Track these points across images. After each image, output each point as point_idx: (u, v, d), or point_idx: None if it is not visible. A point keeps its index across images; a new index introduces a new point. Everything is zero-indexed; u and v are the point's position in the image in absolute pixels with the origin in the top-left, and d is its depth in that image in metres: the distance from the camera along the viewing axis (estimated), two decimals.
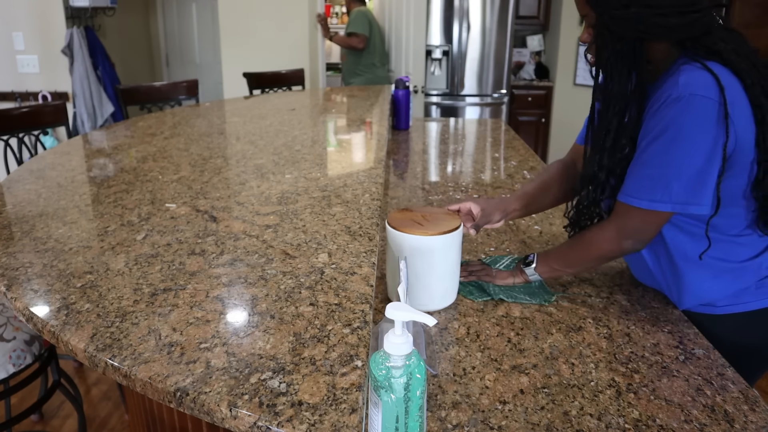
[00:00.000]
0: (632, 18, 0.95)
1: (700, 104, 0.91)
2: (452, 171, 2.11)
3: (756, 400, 0.85)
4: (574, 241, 1.13)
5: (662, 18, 0.94)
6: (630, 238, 1.02)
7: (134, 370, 0.71)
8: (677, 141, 0.93)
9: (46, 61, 3.86)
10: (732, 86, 0.92)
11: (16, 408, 2.13)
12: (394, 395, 0.64)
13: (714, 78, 0.91)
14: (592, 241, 1.07)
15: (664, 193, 0.95)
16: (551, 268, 1.15)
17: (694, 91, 0.91)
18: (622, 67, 1.00)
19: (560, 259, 1.14)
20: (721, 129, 0.91)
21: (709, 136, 0.91)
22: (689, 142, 0.92)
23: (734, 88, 0.92)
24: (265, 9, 4.02)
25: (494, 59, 4.43)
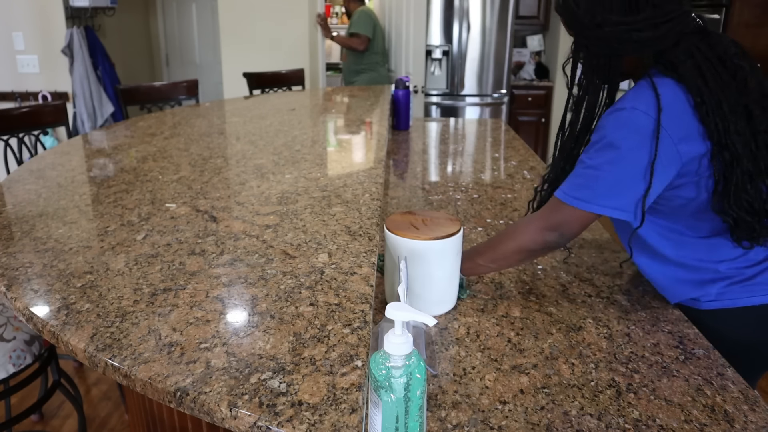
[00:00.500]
0: (605, 36, 0.99)
1: (636, 119, 0.95)
2: (452, 171, 2.11)
3: (756, 400, 0.85)
4: (498, 234, 1.13)
5: (636, 33, 0.97)
6: (554, 231, 1.04)
7: (134, 370, 0.71)
8: (610, 149, 0.97)
9: (46, 61, 3.86)
10: (676, 104, 0.95)
11: (16, 408, 2.13)
12: (394, 395, 0.64)
13: (656, 96, 0.94)
14: (516, 231, 1.08)
15: (589, 194, 0.99)
16: (475, 263, 1.13)
17: (635, 105, 0.96)
18: (597, 80, 1.05)
19: (484, 254, 1.12)
20: (652, 144, 0.94)
21: (641, 149, 0.95)
22: (620, 151, 0.96)
23: (679, 105, 0.95)
24: (265, 9, 4.02)
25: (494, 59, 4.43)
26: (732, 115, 0.94)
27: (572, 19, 1.04)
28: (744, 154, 0.95)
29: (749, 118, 0.96)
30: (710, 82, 0.95)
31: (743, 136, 0.95)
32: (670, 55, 0.98)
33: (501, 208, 1.66)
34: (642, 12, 0.96)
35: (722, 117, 0.94)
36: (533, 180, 1.95)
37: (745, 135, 0.95)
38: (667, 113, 0.94)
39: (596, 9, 0.98)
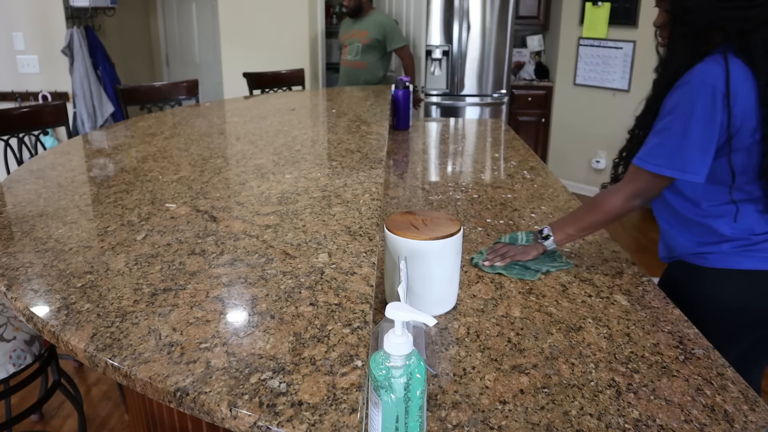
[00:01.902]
0: (702, 8, 1.11)
1: (704, 89, 1.07)
2: (452, 171, 2.11)
3: (756, 400, 0.85)
4: (586, 205, 1.27)
5: (730, 11, 1.08)
6: (638, 197, 1.18)
7: (134, 370, 0.71)
8: (683, 118, 1.10)
9: (46, 61, 3.85)
10: (743, 82, 1.07)
11: (16, 408, 2.13)
12: (394, 395, 0.64)
13: (725, 72, 1.07)
14: (604, 200, 1.22)
15: (668, 161, 1.12)
16: (566, 234, 1.28)
17: (704, 78, 1.08)
18: (685, 48, 1.17)
19: (574, 223, 1.27)
20: (722, 113, 1.07)
21: (709, 117, 1.07)
22: (692, 120, 1.09)
23: (745, 84, 1.07)
24: (265, 9, 4.02)
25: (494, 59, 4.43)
26: None
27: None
28: None
29: None
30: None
31: None
32: (748, 39, 1.08)
33: (501, 208, 1.66)
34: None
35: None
36: (533, 180, 1.95)
37: None
38: (734, 88, 1.06)
39: None
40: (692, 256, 1.24)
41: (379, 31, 3.81)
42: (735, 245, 1.17)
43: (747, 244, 1.16)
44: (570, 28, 4.73)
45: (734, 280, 1.18)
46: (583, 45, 4.61)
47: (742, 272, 1.17)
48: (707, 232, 1.20)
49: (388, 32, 3.85)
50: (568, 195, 1.79)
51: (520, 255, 1.29)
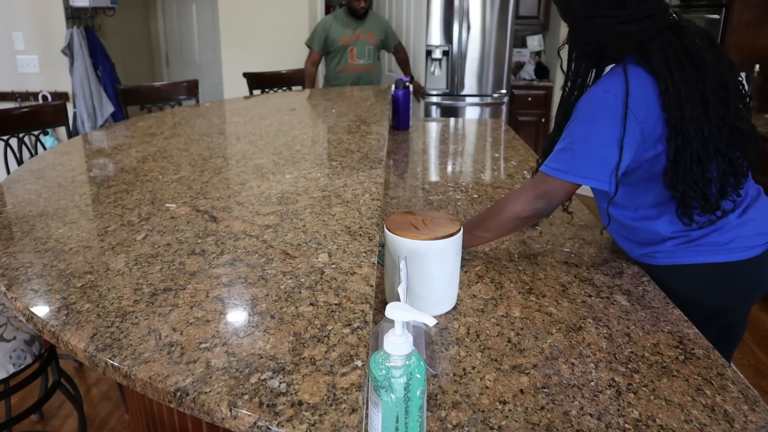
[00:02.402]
0: (595, 27, 1.14)
1: (606, 99, 1.10)
2: (452, 171, 2.11)
3: (756, 400, 0.85)
4: (492, 206, 1.26)
5: (621, 26, 1.11)
6: (541, 199, 1.17)
7: (134, 370, 0.71)
8: (584, 125, 1.13)
9: (46, 61, 3.86)
10: (646, 91, 1.09)
11: (16, 408, 2.13)
12: (394, 395, 0.64)
13: (626, 81, 1.09)
14: (508, 201, 1.21)
15: (567, 166, 1.14)
16: (472, 235, 1.25)
17: (606, 89, 1.11)
18: (587, 64, 1.22)
19: (480, 225, 1.25)
20: (621, 123, 1.09)
21: (611, 126, 1.10)
22: (594, 128, 1.12)
23: (646, 92, 1.09)
24: (265, 9, 4.02)
25: (494, 59, 4.43)
26: (689, 103, 1.07)
27: (567, 11, 1.18)
28: (695, 138, 1.08)
29: (705, 104, 1.08)
30: (675, 74, 1.08)
31: (696, 122, 1.08)
32: (647, 48, 1.11)
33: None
34: (629, 7, 1.10)
35: (680, 105, 1.07)
36: None
37: (699, 121, 1.08)
38: (633, 97, 1.08)
39: (588, 2, 1.13)
40: (642, 256, 1.28)
41: (382, 31, 3.79)
42: (676, 243, 1.20)
43: (687, 240, 1.19)
44: None
45: (683, 275, 1.21)
46: None
47: (688, 267, 1.20)
48: (649, 234, 1.23)
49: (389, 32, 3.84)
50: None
51: None
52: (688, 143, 1.09)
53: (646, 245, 1.25)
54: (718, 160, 1.11)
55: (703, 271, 1.19)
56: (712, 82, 1.09)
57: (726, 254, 1.17)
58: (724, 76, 1.11)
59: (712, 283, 1.20)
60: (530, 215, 1.19)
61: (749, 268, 1.18)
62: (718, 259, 1.18)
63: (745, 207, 1.19)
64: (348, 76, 3.75)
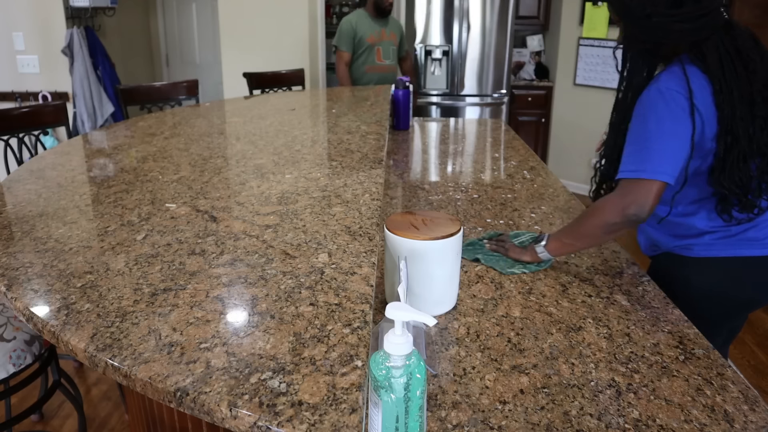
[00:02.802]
0: (652, 26, 1.16)
1: (673, 97, 1.13)
2: (452, 171, 2.11)
3: (756, 400, 0.85)
4: (581, 215, 1.26)
5: (678, 24, 1.13)
6: (631, 207, 1.15)
7: (134, 370, 0.71)
8: (654, 123, 1.14)
9: (46, 61, 3.85)
10: (701, 89, 1.12)
11: (16, 408, 2.13)
12: (394, 395, 0.64)
13: (686, 80, 1.12)
14: (597, 210, 1.20)
15: (645, 165, 1.13)
16: (561, 243, 1.25)
17: (668, 86, 1.13)
18: (642, 63, 1.24)
19: (570, 233, 1.24)
20: (689, 118, 1.12)
21: (681, 122, 1.12)
22: (664, 124, 1.13)
23: (703, 91, 1.12)
24: (265, 9, 4.02)
25: (494, 59, 4.43)
26: (739, 104, 1.11)
27: (624, 10, 1.20)
28: (743, 137, 1.12)
29: (752, 104, 1.12)
30: (727, 74, 1.12)
31: (744, 122, 1.11)
32: (702, 47, 1.14)
33: (501, 208, 1.66)
34: (685, 6, 1.12)
35: (731, 105, 1.11)
36: (533, 180, 1.95)
37: (746, 120, 1.11)
38: (696, 95, 1.12)
39: (646, 2, 1.15)
40: (677, 248, 1.31)
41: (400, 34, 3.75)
42: (715, 236, 1.24)
43: (727, 235, 1.23)
44: (570, 28, 4.73)
45: (717, 267, 1.25)
46: (583, 45, 4.61)
47: (724, 259, 1.24)
48: (686, 228, 1.27)
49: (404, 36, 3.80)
50: (568, 195, 1.79)
51: (515, 254, 1.29)
52: (737, 142, 1.12)
53: (683, 238, 1.28)
54: (758, 160, 1.15)
55: (740, 263, 1.24)
56: (760, 83, 1.13)
57: (763, 248, 1.23)
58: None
59: (747, 276, 1.25)
60: (622, 223, 1.16)
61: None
62: (755, 252, 1.23)
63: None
64: (373, 77, 3.64)
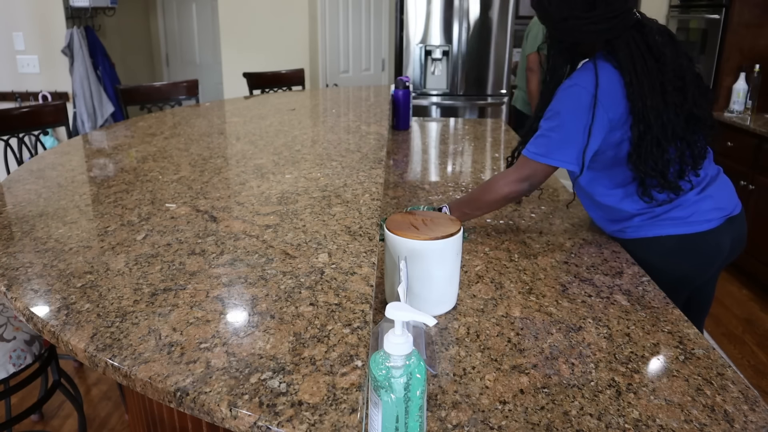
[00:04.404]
0: (569, 28, 1.28)
1: (577, 92, 1.25)
2: (452, 171, 2.11)
3: (756, 400, 0.85)
4: (480, 187, 1.40)
5: (592, 26, 1.25)
6: (524, 182, 1.32)
7: (134, 370, 0.71)
8: (558, 116, 1.27)
9: (46, 61, 3.86)
10: (611, 83, 1.24)
11: (16, 408, 2.13)
12: (394, 395, 0.64)
13: (595, 76, 1.24)
14: (496, 183, 1.35)
15: (545, 150, 1.29)
16: (462, 213, 1.40)
17: (577, 82, 1.26)
18: (563, 60, 1.37)
19: (470, 203, 1.40)
20: (588, 112, 1.24)
21: (581, 116, 1.24)
22: (566, 116, 1.26)
23: (613, 84, 1.24)
24: (265, 9, 4.02)
25: (494, 59, 4.43)
26: (650, 93, 1.22)
27: (545, 14, 1.32)
28: (655, 124, 1.22)
29: (664, 94, 1.22)
30: (638, 67, 1.22)
31: (656, 110, 1.22)
32: (614, 45, 1.25)
33: (501, 208, 1.66)
34: (598, 9, 1.23)
35: (642, 95, 1.22)
36: None
37: (658, 109, 1.22)
38: (602, 89, 1.23)
39: (563, 6, 1.26)
40: (614, 232, 1.43)
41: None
42: (643, 218, 1.35)
43: (652, 216, 1.34)
44: None
45: (650, 246, 1.35)
46: None
47: (654, 239, 1.34)
48: (617, 213, 1.38)
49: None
50: (568, 195, 1.79)
51: None
52: (649, 129, 1.23)
53: (618, 222, 1.40)
54: (677, 144, 1.25)
55: (668, 242, 1.33)
56: (671, 74, 1.23)
57: (686, 227, 1.32)
58: (681, 69, 1.25)
59: (675, 253, 1.34)
60: (515, 195, 1.34)
61: (707, 239, 1.32)
62: (679, 231, 1.32)
63: (705, 185, 1.33)
64: None
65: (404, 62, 4.44)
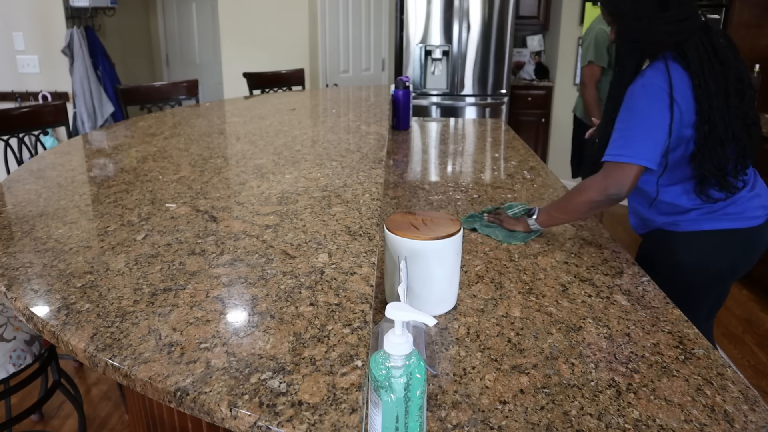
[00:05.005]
0: (642, 27, 1.32)
1: (657, 91, 1.28)
2: (452, 171, 2.11)
3: (756, 400, 0.85)
4: (570, 192, 1.41)
5: (665, 26, 1.29)
6: (612, 187, 1.32)
7: (134, 370, 0.71)
8: (637, 114, 1.30)
9: (46, 61, 3.85)
10: (681, 84, 1.27)
11: (16, 408, 2.13)
12: (394, 395, 0.64)
13: (668, 75, 1.27)
14: (583, 189, 1.37)
15: (627, 150, 1.29)
16: (550, 215, 1.43)
17: (652, 81, 1.29)
18: (631, 60, 1.39)
19: (558, 208, 1.42)
20: (668, 110, 1.27)
21: (661, 113, 1.27)
22: (646, 115, 1.28)
23: (683, 85, 1.28)
24: (265, 9, 4.02)
25: (494, 59, 4.43)
26: (716, 96, 1.26)
27: (617, 12, 1.36)
28: (720, 125, 1.27)
29: (727, 96, 1.27)
30: (706, 70, 1.27)
31: (720, 112, 1.27)
32: (683, 46, 1.29)
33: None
34: (671, 10, 1.28)
35: (708, 97, 1.26)
36: (533, 180, 1.95)
37: (722, 110, 1.27)
38: (676, 89, 1.27)
39: (638, 6, 1.31)
40: (666, 224, 1.46)
41: None
42: (700, 212, 1.40)
43: (710, 211, 1.39)
44: (570, 28, 4.73)
45: (701, 239, 1.41)
46: None
47: (708, 232, 1.40)
48: (673, 207, 1.42)
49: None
50: None
51: (509, 224, 1.47)
52: (714, 129, 1.27)
53: (671, 215, 1.44)
54: (734, 144, 1.30)
55: (721, 235, 1.40)
56: (733, 77, 1.28)
57: (740, 222, 1.39)
58: (741, 71, 1.30)
59: (727, 246, 1.41)
60: (604, 201, 1.33)
61: (756, 233, 1.41)
62: (734, 225, 1.39)
63: (752, 184, 1.41)
64: None
65: (404, 62, 4.44)
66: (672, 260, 1.44)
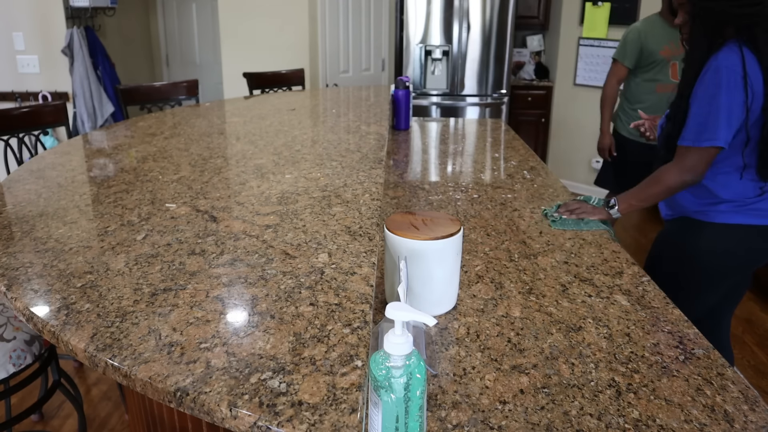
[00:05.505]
0: (717, 8, 1.37)
1: (727, 73, 1.33)
2: (452, 171, 2.11)
3: (756, 400, 0.85)
4: (646, 180, 1.50)
5: (738, 8, 1.35)
6: (689, 172, 1.40)
7: (134, 370, 0.71)
8: (712, 98, 1.35)
9: (46, 61, 3.85)
10: (752, 67, 1.33)
11: (16, 408, 2.13)
12: (394, 395, 0.64)
13: (741, 58, 1.33)
14: (661, 177, 1.45)
15: (702, 135, 1.36)
16: (629, 204, 1.53)
17: (726, 64, 1.34)
18: (704, 41, 1.41)
19: (636, 196, 1.51)
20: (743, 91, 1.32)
21: (735, 95, 1.33)
22: (721, 97, 1.33)
23: (754, 68, 1.33)
24: (265, 9, 4.02)
25: (494, 59, 4.43)
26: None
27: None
28: None
29: None
30: None
31: None
32: (754, 31, 1.34)
33: (501, 208, 1.66)
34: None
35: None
36: (533, 180, 1.95)
37: None
38: (749, 71, 1.32)
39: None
40: (695, 213, 1.51)
41: None
42: (731, 206, 1.45)
43: (741, 205, 1.44)
44: (570, 28, 4.73)
45: (727, 232, 1.46)
46: (583, 45, 4.61)
47: (733, 226, 1.45)
48: (708, 194, 1.48)
49: None
50: (568, 195, 1.79)
51: (589, 213, 1.54)
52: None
53: (704, 203, 1.49)
54: None
55: (745, 230, 1.45)
56: None
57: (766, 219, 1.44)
58: None
59: (749, 240, 1.46)
60: (680, 187, 1.43)
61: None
62: (762, 222, 1.45)
63: None
64: (662, 97, 2.77)
65: (404, 62, 4.44)
66: (694, 246, 1.50)
